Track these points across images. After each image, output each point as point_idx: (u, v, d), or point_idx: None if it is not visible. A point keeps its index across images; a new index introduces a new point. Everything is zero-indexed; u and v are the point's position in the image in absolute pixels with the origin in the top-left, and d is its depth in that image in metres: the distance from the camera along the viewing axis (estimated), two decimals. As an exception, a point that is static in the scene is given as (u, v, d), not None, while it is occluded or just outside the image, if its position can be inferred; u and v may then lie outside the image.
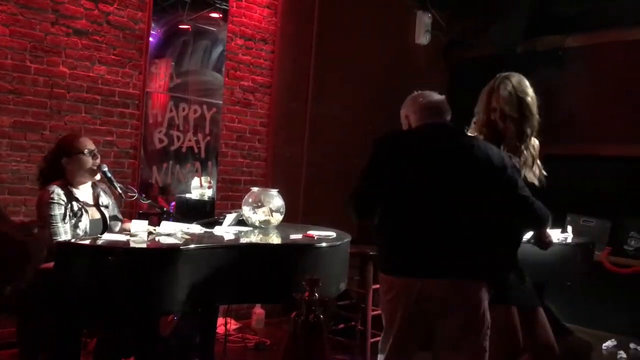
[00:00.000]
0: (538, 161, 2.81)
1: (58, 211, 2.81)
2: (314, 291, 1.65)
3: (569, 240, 3.66)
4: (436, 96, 2.56)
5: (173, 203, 4.46)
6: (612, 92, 5.44)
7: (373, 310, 3.76)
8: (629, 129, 5.34)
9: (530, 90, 2.71)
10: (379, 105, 5.66)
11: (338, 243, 3.00)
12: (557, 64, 5.65)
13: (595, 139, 5.45)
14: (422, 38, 5.57)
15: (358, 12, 5.54)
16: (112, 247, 2.51)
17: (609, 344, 4.64)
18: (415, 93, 2.62)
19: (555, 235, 3.64)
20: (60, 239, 2.74)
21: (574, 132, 5.54)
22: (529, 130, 2.68)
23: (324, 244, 2.94)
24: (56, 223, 2.80)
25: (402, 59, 5.85)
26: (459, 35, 5.79)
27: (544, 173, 2.82)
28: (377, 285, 3.80)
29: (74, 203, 2.89)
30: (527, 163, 2.70)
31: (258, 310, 4.75)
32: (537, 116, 2.71)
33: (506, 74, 2.76)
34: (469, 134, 2.69)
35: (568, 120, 5.53)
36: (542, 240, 2.74)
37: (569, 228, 3.81)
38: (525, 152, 2.68)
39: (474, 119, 2.79)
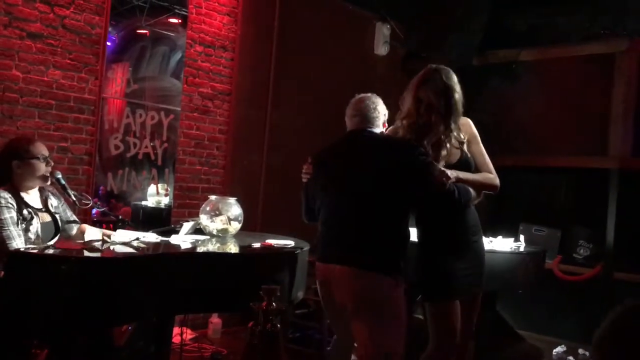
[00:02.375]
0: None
1: (8, 214, 2.70)
2: (272, 300, 1.66)
3: (522, 249, 3.76)
4: (362, 102, 2.84)
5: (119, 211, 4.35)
6: (562, 105, 5.63)
7: (330, 319, 3.77)
8: (577, 142, 5.54)
9: (458, 87, 2.73)
10: (338, 113, 5.69)
11: (296, 252, 3.00)
12: (511, 77, 5.82)
13: (546, 150, 5.63)
14: (381, 49, 5.65)
15: (318, 21, 5.59)
16: (65, 256, 2.46)
17: (559, 349, 4.78)
18: (353, 99, 2.90)
19: (508, 244, 3.74)
20: (13, 243, 2.65)
21: (526, 144, 5.71)
22: (453, 125, 2.70)
23: (281, 253, 2.94)
24: (7, 227, 2.68)
25: (361, 69, 5.92)
26: (417, 47, 5.89)
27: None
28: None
29: (23, 207, 2.80)
30: (450, 156, 2.73)
31: (215, 320, 4.70)
32: (461, 112, 2.74)
33: (436, 66, 2.76)
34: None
35: (520, 132, 5.70)
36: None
37: (522, 237, 3.91)
38: (448, 145, 2.71)
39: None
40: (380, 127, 2.82)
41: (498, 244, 3.70)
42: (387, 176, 2.57)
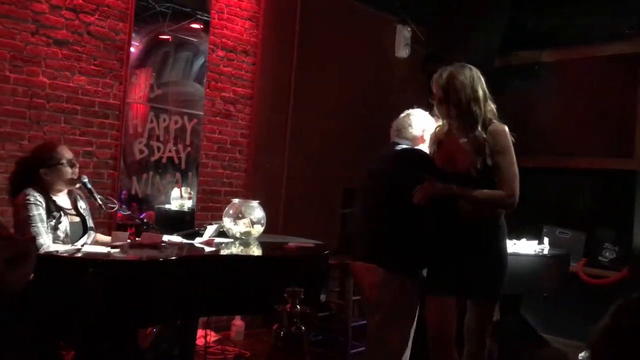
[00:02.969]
0: None
1: (36, 212, 2.73)
2: (296, 303, 1.67)
3: (545, 251, 3.73)
4: (401, 117, 3.00)
5: (143, 214, 4.40)
6: (585, 106, 5.56)
7: (353, 322, 3.77)
8: (602, 143, 5.46)
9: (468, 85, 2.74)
10: (359, 116, 5.72)
11: (318, 255, 3.02)
12: (533, 78, 5.76)
13: (569, 152, 5.56)
14: (402, 51, 5.63)
15: (340, 24, 5.61)
16: (93, 258, 2.50)
17: (584, 354, 4.70)
18: None
19: (532, 247, 3.71)
20: (41, 239, 2.69)
21: (549, 145, 5.65)
22: (467, 127, 2.68)
23: (304, 256, 2.96)
24: (36, 224, 2.72)
25: (382, 72, 5.92)
26: (438, 49, 5.87)
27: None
28: (359, 297, 3.83)
29: (52, 207, 2.85)
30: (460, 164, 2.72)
31: (238, 322, 4.74)
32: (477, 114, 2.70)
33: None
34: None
35: (543, 134, 5.64)
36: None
37: (545, 240, 3.88)
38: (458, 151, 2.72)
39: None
40: (410, 140, 2.90)
41: (522, 247, 3.68)
42: (390, 186, 2.77)
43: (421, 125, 2.90)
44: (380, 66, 5.93)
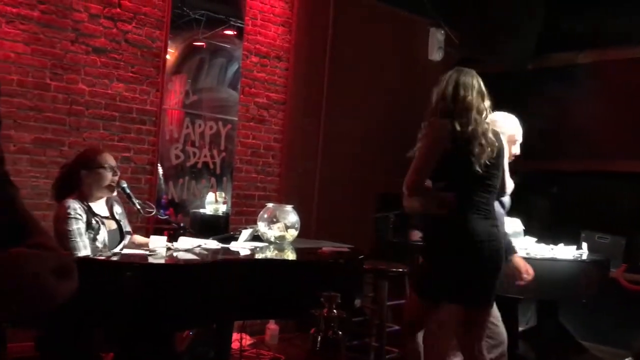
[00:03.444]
0: None
1: (75, 226, 2.78)
2: (332, 307, 1.67)
3: (584, 257, 3.66)
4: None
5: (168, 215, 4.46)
6: (623, 108, 5.45)
7: (388, 327, 3.76)
8: (640, 145, 5.34)
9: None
10: (392, 121, 5.70)
11: (353, 259, 3.02)
12: (569, 80, 5.67)
13: (607, 154, 5.45)
14: (435, 54, 5.61)
15: (372, 28, 5.60)
16: (130, 262, 2.55)
17: (627, 362, 4.60)
18: None
19: (570, 252, 3.64)
20: (79, 254, 2.75)
21: (585, 148, 5.54)
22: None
23: (339, 260, 2.96)
24: (74, 238, 2.76)
25: (415, 75, 5.89)
26: (471, 52, 5.82)
27: None
28: (393, 302, 3.81)
29: (91, 217, 2.90)
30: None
31: (272, 326, 4.76)
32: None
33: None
34: None
35: (581, 137, 5.54)
36: None
37: (584, 245, 3.81)
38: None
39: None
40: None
41: (559, 252, 3.61)
42: None
43: (505, 131, 2.93)
44: (413, 70, 5.90)
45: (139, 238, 3.18)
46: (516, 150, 3.01)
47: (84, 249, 2.78)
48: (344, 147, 5.41)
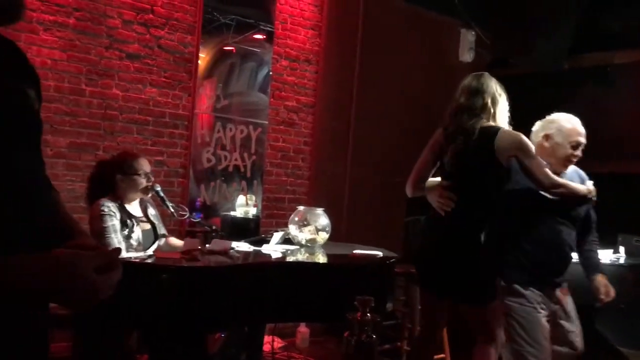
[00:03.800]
0: None
1: (110, 222, 2.83)
2: (366, 311, 1.66)
3: (622, 261, 3.57)
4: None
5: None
6: (662, 108, 5.31)
7: (419, 331, 3.73)
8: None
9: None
10: (422, 123, 5.65)
11: (386, 263, 3.00)
12: (605, 80, 5.55)
13: (645, 157, 5.32)
14: (466, 55, 5.55)
15: (402, 30, 5.58)
16: (166, 265, 2.58)
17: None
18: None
19: (607, 256, 3.56)
20: None
21: (622, 150, 5.42)
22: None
23: (372, 264, 2.94)
24: (109, 235, 2.82)
25: (445, 77, 5.83)
26: (503, 53, 5.75)
27: None
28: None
29: (125, 216, 2.94)
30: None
31: (303, 329, 4.76)
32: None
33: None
34: None
35: (617, 138, 5.42)
36: None
37: (621, 249, 3.72)
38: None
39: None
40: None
41: (596, 256, 3.53)
42: None
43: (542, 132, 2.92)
44: (443, 71, 5.85)
45: (174, 240, 3.22)
46: (570, 151, 2.82)
47: (119, 245, 2.82)
48: (373, 150, 5.39)
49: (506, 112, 2.77)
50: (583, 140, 2.80)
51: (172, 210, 3.13)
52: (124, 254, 2.82)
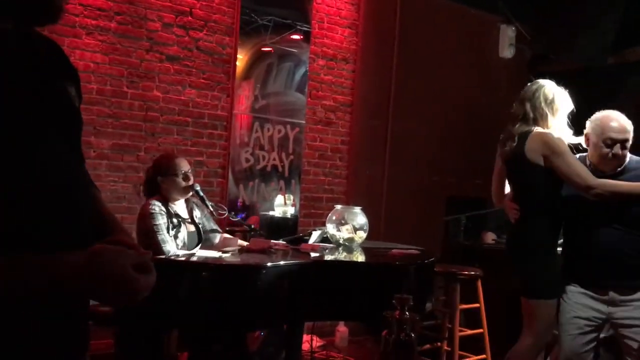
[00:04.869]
0: None
1: (162, 220, 2.89)
2: (405, 309, 1.64)
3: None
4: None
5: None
6: None
7: (460, 331, 3.68)
8: None
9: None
10: (461, 120, 5.59)
11: (424, 262, 2.97)
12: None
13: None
14: (506, 52, 5.45)
15: (440, 27, 5.52)
16: (206, 263, 2.61)
17: None
18: None
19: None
20: (167, 246, 2.82)
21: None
22: None
23: (410, 263, 2.92)
24: (162, 232, 2.86)
25: (485, 74, 5.76)
26: (545, 48, 5.62)
27: None
28: (466, 305, 3.73)
29: (172, 216, 3.00)
30: None
31: (342, 329, 4.76)
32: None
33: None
34: None
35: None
36: None
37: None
38: None
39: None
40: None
41: None
42: None
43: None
44: (483, 68, 5.76)
45: (228, 237, 3.25)
46: (605, 150, 2.67)
47: (171, 242, 2.87)
48: (411, 148, 5.35)
49: (556, 117, 2.76)
50: (618, 136, 2.63)
51: (212, 209, 3.17)
52: (177, 252, 2.86)
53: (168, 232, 2.89)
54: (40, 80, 1.00)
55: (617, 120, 2.69)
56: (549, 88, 2.79)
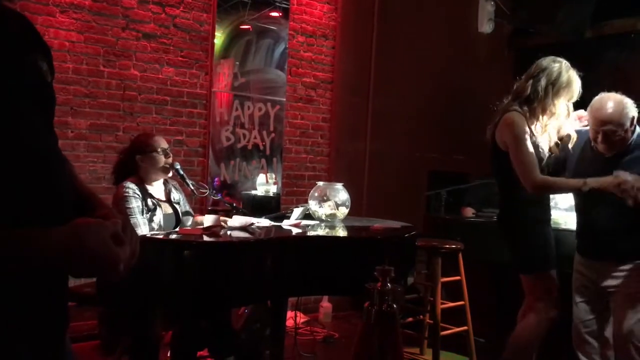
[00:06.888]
0: None
1: (135, 204, 2.87)
2: (387, 281, 1.65)
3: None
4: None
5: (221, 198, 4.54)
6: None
7: (442, 304, 3.73)
8: None
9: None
10: (441, 96, 5.60)
11: (405, 235, 2.99)
12: (629, 48, 5.42)
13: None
14: (485, 26, 5.46)
15: (419, 2, 5.50)
16: (188, 241, 2.60)
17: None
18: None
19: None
20: (139, 230, 2.82)
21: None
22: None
23: (391, 237, 2.94)
24: (135, 215, 2.85)
25: (464, 49, 5.76)
26: (524, 23, 5.64)
27: None
28: (447, 278, 3.77)
29: (148, 198, 2.98)
30: None
31: (325, 304, 4.80)
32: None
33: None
34: None
35: (643, 106, 5.30)
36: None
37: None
38: None
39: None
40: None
41: None
42: None
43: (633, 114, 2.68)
44: (462, 43, 5.77)
45: (201, 218, 3.24)
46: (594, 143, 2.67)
47: (143, 225, 2.86)
48: (393, 124, 5.36)
49: (555, 101, 2.72)
50: (601, 127, 2.56)
51: (192, 188, 3.15)
52: (147, 234, 2.85)
53: (143, 215, 2.88)
54: (10, 53, 0.98)
55: (603, 109, 2.58)
56: (559, 67, 2.71)
